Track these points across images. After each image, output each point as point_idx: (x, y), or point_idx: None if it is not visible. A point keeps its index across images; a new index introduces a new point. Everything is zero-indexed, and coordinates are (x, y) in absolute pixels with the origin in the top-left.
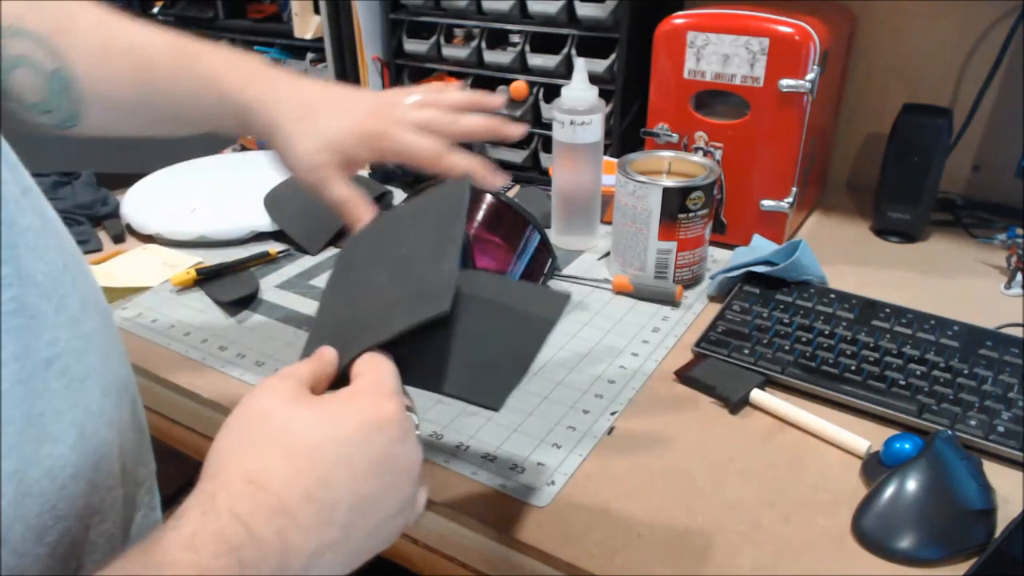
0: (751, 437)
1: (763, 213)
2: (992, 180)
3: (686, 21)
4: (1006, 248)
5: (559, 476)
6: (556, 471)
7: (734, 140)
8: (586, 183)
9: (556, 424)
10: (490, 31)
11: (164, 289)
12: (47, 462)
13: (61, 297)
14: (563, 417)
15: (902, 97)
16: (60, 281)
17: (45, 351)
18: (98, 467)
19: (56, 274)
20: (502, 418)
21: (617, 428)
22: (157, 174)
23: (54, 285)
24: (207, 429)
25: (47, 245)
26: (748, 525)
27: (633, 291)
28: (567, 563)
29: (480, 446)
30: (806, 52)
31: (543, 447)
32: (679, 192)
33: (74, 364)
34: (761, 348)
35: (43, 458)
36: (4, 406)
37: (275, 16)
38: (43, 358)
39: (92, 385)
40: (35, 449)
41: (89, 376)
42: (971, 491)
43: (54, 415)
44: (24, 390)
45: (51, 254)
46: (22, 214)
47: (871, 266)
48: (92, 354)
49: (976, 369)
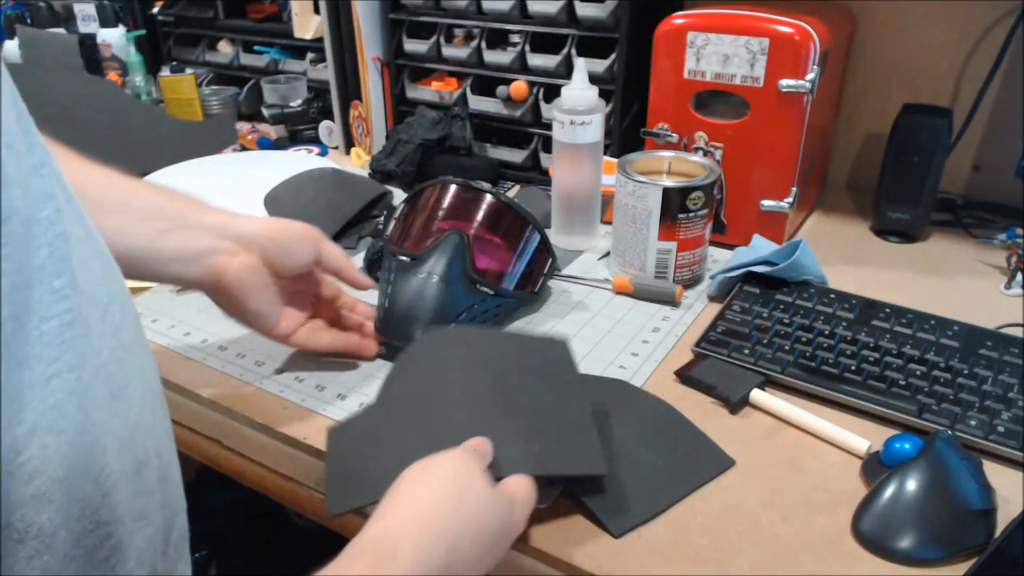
0: (751, 437)
1: (763, 213)
2: (992, 180)
3: (686, 21)
4: (1006, 248)
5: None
6: None
7: (734, 140)
8: (586, 183)
9: None
10: (490, 31)
11: (164, 289)
12: (93, 470)
13: (105, 306)
14: None
15: (902, 97)
16: (103, 290)
17: (94, 360)
18: (140, 473)
19: (99, 283)
20: None
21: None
22: (157, 174)
23: (98, 295)
24: (207, 429)
25: (91, 254)
26: (748, 525)
27: (633, 291)
28: (567, 563)
29: None
30: (806, 52)
31: None
32: (679, 192)
33: (117, 373)
34: (761, 348)
35: (91, 466)
36: (57, 416)
37: (275, 16)
38: (93, 367)
39: (132, 393)
40: (85, 458)
41: (129, 384)
42: (971, 491)
43: (102, 424)
44: (79, 400)
45: (94, 263)
46: (71, 225)
47: (871, 266)
48: (131, 362)
49: (976, 369)
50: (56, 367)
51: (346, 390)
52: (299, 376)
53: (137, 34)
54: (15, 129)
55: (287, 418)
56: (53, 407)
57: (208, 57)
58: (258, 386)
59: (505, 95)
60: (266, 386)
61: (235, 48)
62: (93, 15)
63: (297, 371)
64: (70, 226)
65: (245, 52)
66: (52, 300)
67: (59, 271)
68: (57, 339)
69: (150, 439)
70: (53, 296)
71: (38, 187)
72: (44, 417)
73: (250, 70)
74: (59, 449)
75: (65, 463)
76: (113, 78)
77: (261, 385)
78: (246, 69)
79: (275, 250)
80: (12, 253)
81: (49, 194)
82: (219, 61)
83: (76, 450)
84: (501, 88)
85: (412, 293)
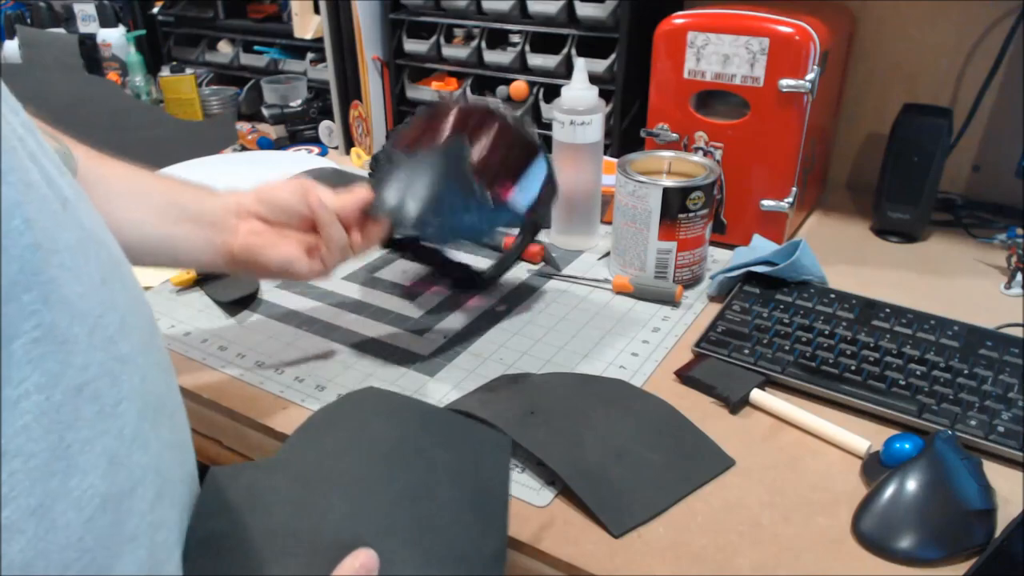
0: (751, 437)
1: (763, 213)
2: (992, 180)
3: (686, 21)
4: (1006, 248)
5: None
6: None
7: (734, 140)
8: (586, 183)
9: None
10: (490, 31)
11: (164, 289)
12: (74, 494)
13: (97, 317)
14: None
15: (902, 97)
16: (97, 299)
17: (76, 377)
18: (132, 493)
19: (93, 292)
20: None
21: None
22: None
23: (89, 305)
24: (207, 429)
25: (85, 260)
26: (748, 525)
27: (633, 291)
28: (567, 563)
29: None
30: (806, 52)
31: None
32: (679, 192)
33: (107, 389)
34: (761, 348)
35: (70, 490)
36: (26, 440)
37: (275, 16)
38: (73, 385)
39: (127, 408)
40: (62, 482)
41: (124, 400)
42: (971, 491)
43: (83, 444)
44: (49, 422)
45: (89, 269)
46: (61, 230)
47: (871, 266)
48: (129, 376)
49: (976, 369)
50: (24, 388)
51: (346, 390)
52: (299, 376)
53: (137, 34)
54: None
55: (287, 418)
56: (21, 430)
57: (208, 57)
58: (258, 386)
59: (505, 95)
60: (266, 386)
61: (235, 48)
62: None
63: (297, 371)
64: (55, 232)
65: (245, 52)
66: (19, 317)
67: (28, 285)
68: (24, 358)
69: (148, 455)
70: (20, 312)
71: (4, 196)
72: (11, 442)
73: (250, 70)
74: (29, 475)
75: (37, 488)
76: (113, 78)
77: (261, 385)
78: (246, 69)
79: (268, 210)
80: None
81: (17, 202)
82: (219, 61)
83: (49, 473)
84: (501, 88)
85: (408, 170)
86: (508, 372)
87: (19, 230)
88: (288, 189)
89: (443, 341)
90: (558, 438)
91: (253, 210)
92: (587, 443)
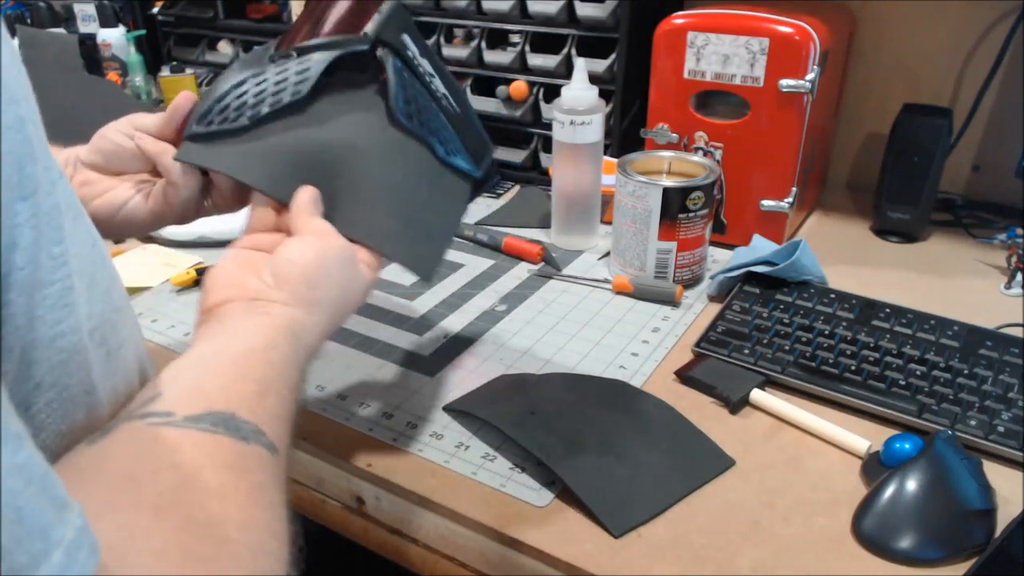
0: (751, 437)
1: (763, 213)
2: (992, 180)
3: (686, 21)
4: (1006, 248)
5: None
6: None
7: (734, 140)
8: (586, 183)
9: None
10: (490, 31)
11: (164, 289)
12: (93, 425)
13: (91, 274)
14: None
15: (902, 97)
16: (91, 258)
17: (90, 323)
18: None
19: (87, 252)
20: None
21: None
22: None
23: (84, 264)
24: None
25: (81, 224)
26: (748, 525)
27: (633, 291)
28: (567, 563)
29: (480, 446)
30: (806, 52)
31: None
32: (679, 192)
33: (110, 335)
34: (761, 348)
35: (91, 422)
36: (63, 375)
37: (275, 16)
38: (89, 329)
39: (128, 353)
40: (86, 413)
41: (124, 345)
42: (971, 491)
43: (101, 382)
44: (81, 360)
45: (83, 233)
46: (63, 195)
47: (871, 266)
48: (123, 323)
49: (976, 369)
50: (60, 328)
51: (346, 390)
52: None
53: (137, 34)
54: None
55: None
56: (58, 365)
57: (208, 57)
58: None
59: (505, 95)
60: None
61: (235, 48)
62: (93, 15)
63: None
64: (62, 196)
65: (245, 52)
66: (53, 266)
67: (57, 239)
68: (60, 302)
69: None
70: (53, 262)
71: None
72: (50, 375)
73: None
74: (63, 405)
75: (68, 419)
76: (113, 78)
77: None
78: None
79: (101, 157)
80: (32, 216)
81: (50, 164)
82: (219, 61)
83: (77, 406)
84: (501, 88)
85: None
86: (508, 372)
87: (51, 189)
88: (116, 126)
89: (443, 341)
90: (558, 438)
91: (88, 160)
92: (587, 443)
